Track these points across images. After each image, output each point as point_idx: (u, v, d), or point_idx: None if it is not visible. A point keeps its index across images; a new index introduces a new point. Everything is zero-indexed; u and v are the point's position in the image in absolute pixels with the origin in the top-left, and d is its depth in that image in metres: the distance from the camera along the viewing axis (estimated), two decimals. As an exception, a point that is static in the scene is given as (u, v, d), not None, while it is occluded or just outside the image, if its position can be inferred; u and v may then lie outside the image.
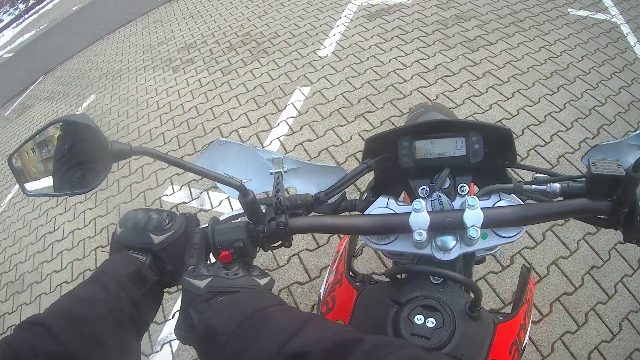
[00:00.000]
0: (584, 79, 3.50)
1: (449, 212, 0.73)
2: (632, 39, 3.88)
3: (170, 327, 2.47)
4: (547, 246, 2.46)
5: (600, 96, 3.29)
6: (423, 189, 0.81)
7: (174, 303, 2.56)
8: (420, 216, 0.70)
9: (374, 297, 0.82)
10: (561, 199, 0.72)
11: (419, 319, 0.69)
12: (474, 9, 4.43)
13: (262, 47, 4.61)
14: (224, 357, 0.55)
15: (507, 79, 3.51)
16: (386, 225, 0.73)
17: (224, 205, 3.03)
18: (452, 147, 0.81)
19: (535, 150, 2.90)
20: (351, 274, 0.97)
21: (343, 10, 4.57)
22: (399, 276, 0.85)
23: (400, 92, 3.51)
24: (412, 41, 4.02)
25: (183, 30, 5.95)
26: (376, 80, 3.67)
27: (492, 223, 0.71)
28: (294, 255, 2.60)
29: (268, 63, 4.31)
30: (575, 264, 2.40)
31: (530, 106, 3.26)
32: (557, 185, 0.72)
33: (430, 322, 0.69)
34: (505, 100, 3.32)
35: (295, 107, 3.68)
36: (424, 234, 0.70)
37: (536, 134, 3.02)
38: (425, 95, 3.44)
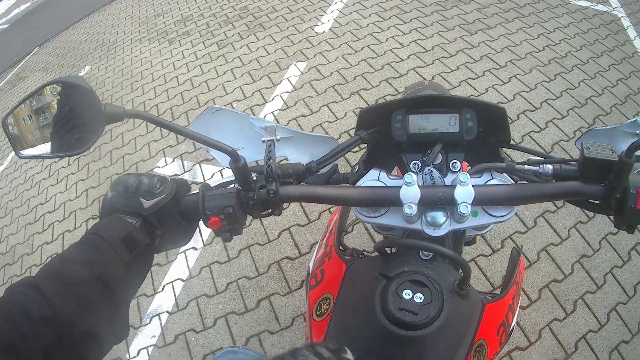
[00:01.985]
0: (582, 69, 3.43)
1: (440, 188, 0.73)
2: (632, 33, 3.80)
3: (159, 300, 2.41)
4: (538, 232, 2.43)
5: (597, 86, 3.23)
6: (415, 163, 0.81)
7: (163, 276, 2.50)
8: (411, 190, 0.69)
9: (362, 270, 0.80)
10: (553, 181, 0.72)
11: (407, 294, 0.68)
12: (474, -8, 4.31)
13: (259, 22, 4.46)
14: None
15: (505, 63, 3.43)
16: (376, 198, 0.73)
17: (216, 177, 2.92)
18: (445, 123, 0.80)
19: (529, 136, 2.85)
20: (341, 248, 0.95)
21: (342, -13, 4.45)
22: (388, 251, 0.83)
23: (397, 71, 3.41)
24: (410, 21, 3.90)
25: (180, 3, 5.76)
26: (373, 58, 3.56)
27: (483, 201, 0.70)
28: (285, 230, 2.55)
29: (264, 37, 4.17)
30: (565, 251, 2.36)
31: (527, 92, 3.20)
32: (550, 167, 0.71)
33: (419, 298, 0.67)
34: (501, 85, 3.25)
35: (290, 82, 3.56)
36: (414, 207, 0.69)
37: (531, 120, 2.96)
38: (421, 75, 3.34)
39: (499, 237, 2.41)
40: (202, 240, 2.60)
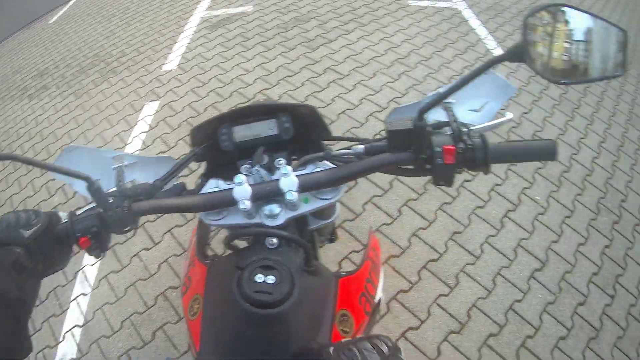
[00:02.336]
0: (426, 64, 3.65)
1: (267, 182, 0.80)
2: (474, 22, 4.09)
3: (63, 349, 2.32)
4: (405, 220, 2.53)
5: (443, 77, 3.45)
6: (245, 167, 0.88)
7: (61, 325, 2.40)
8: (242, 188, 0.76)
9: (220, 268, 0.86)
10: (366, 158, 0.80)
11: (259, 278, 0.72)
12: (314, 10, 4.46)
13: (110, 67, 4.35)
14: None
15: (348, 72, 3.57)
16: (214, 201, 0.79)
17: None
18: (265, 128, 0.92)
19: (380, 135, 2.95)
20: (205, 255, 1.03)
21: (186, 24, 4.43)
22: (241, 247, 0.89)
23: (244, 97, 3.44)
24: (254, 47, 3.97)
25: (36, 57, 5.50)
26: (221, 87, 3.57)
27: (308, 186, 0.78)
28: (163, 262, 2.52)
29: (117, 82, 4.07)
30: (435, 232, 2.47)
31: (372, 95, 3.35)
32: (362, 147, 0.82)
33: (270, 279, 0.72)
34: (347, 92, 3.38)
35: (146, 122, 3.49)
36: (247, 203, 0.75)
37: (380, 120, 3.11)
38: (268, 97, 3.40)
39: (366, 231, 2.48)
40: (90, 285, 2.50)
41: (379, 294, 1.11)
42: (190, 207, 0.81)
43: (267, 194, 0.78)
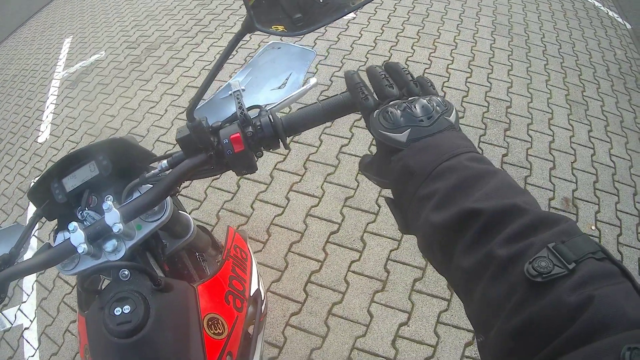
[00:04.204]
0: None
1: (96, 222, 0.79)
2: None
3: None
4: (295, 205, 2.58)
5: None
6: (80, 212, 0.89)
7: None
8: (76, 234, 0.76)
9: (93, 314, 0.84)
10: (169, 171, 0.81)
11: (117, 311, 0.74)
12: (161, 34, 4.39)
13: (-11, 156, 4.26)
14: (415, 198, 0.56)
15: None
16: (59, 253, 0.78)
17: None
18: (88, 172, 0.90)
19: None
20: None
21: (48, 90, 4.31)
22: (101, 287, 0.92)
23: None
24: (114, 90, 3.88)
25: None
26: (93, 141, 3.48)
27: (131, 214, 0.78)
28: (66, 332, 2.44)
29: (2, 169, 3.99)
30: (328, 205, 2.52)
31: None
32: (165, 162, 0.81)
33: (126, 309, 0.74)
34: (208, 104, 3.37)
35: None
36: (84, 246, 0.75)
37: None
38: (137, 135, 3.39)
39: (263, 228, 2.48)
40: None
41: (254, 286, 1.15)
42: (41, 266, 0.80)
43: (99, 233, 0.78)
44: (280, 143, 0.78)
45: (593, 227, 2.44)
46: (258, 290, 1.18)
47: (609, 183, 2.69)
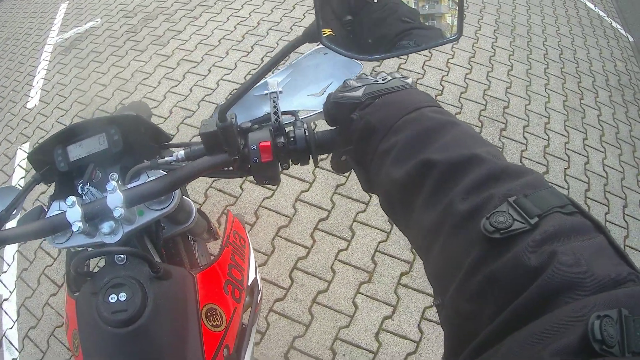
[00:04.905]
0: (276, 29, 3.54)
1: (97, 201, 0.75)
2: None
3: None
4: (285, 189, 2.50)
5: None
6: (81, 185, 0.83)
7: None
8: (73, 210, 0.72)
9: (85, 297, 0.80)
10: (185, 163, 0.76)
11: (112, 298, 0.70)
12: (159, 5, 4.26)
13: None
14: (375, 154, 0.54)
15: (201, 58, 3.43)
16: (51, 226, 0.74)
17: None
18: (96, 144, 0.85)
19: None
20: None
21: (41, 55, 4.17)
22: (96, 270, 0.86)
23: (106, 112, 3.25)
24: (107, 59, 3.76)
25: None
26: (82, 110, 3.35)
27: (135, 200, 0.73)
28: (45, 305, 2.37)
29: (-13, 136, 3.89)
30: (319, 191, 2.47)
31: (229, 74, 3.23)
32: (182, 152, 0.75)
33: (122, 296, 0.70)
34: (203, 79, 3.26)
35: (22, 167, 3.31)
36: (79, 224, 0.71)
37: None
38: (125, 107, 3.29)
39: (251, 211, 2.42)
40: (16, 349, 2.32)
41: (252, 275, 1.10)
42: (31, 235, 0.76)
43: (98, 213, 0.74)
44: (311, 160, 0.72)
45: (581, 235, 2.41)
46: (255, 280, 1.13)
47: (600, 193, 2.67)
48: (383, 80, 0.61)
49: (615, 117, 3.24)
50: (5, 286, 2.55)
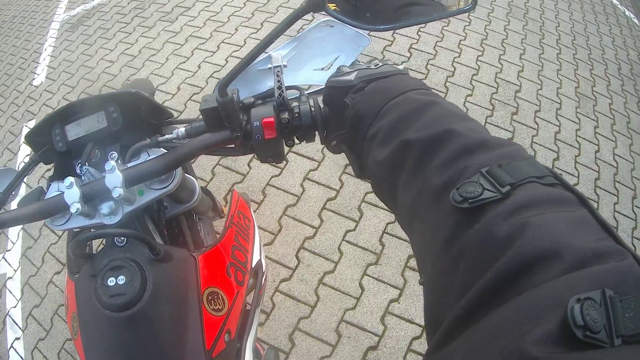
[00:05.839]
0: (286, 6, 3.47)
1: (96, 181, 0.72)
2: None
3: None
4: (293, 167, 2.46)
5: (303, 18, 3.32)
6: (79, 165, 0.81)
7: None
8: (71, 191, 0.70)
9: (84, 280, 0.78)
10: (187, 140, 0.72)
11: (111, 281, 0.68)
12: (168, -19, 4.18)
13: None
14: (364, 140, 0.55)
15: (210, 34, 3.37)
16: (49, 207, 0.72)
17: None
18: (95, 122, 0.82)
19: None
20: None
21: (47, 33, 4.10)
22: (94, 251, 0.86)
23: (113, 89, 3.21)
24: (115, 36, 3.69)
25: None
26: (89, 87, 3.30)
27: (134, 179, 0.70)
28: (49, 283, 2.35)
29: (-7, 112, 3.84)
30: (327, 170, 2.42)
31: (237, 51, 3.17)
32: (182, 129, 0.73)
33: (121, 280, 0.68)
34: (212, 55, 3.19)
35: (27, 144, 3.31)
36: (78, 205, 0.68)
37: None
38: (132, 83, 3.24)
39: (258, 189, 2.38)
40: (20, 327, 2.33)
41: (257, 256, 1.06)
42: (29, 217, 0.74)
43: (97, 194, 0.71)
44: (317, 137, 0.69)
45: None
46: (259, 262, 1.09)
47: (609, 182, 2.61)
48: (375, 66, 0.62)
49: (626, 106, 3.16)
50: (9, 264, 2.52)
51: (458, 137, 0.44)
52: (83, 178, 0.77)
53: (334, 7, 0.56)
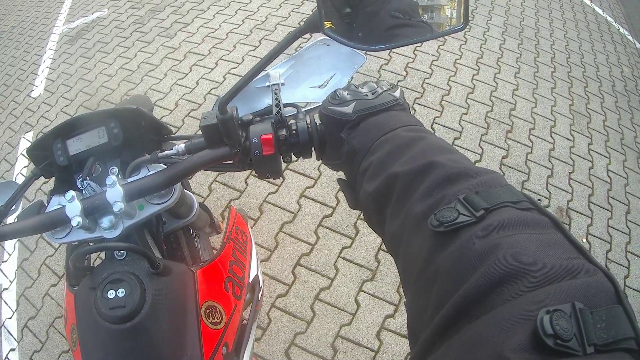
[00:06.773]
0: (284, 24, 3.52)
1: (97, 195, 0.74)
2: None
3: None
4: (290, 184, 2.47)
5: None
6: (80, 180, 0.81)
7: None
8: (72, 205, 0.70)
9: (83, 292, 0.79)
10: (186, 156, 0.74)
11: (111, 294, 0.69)
12: (167, -3, 4.24)
13: (-20, 109, 4.10)
14: (357, 174, 0.57)
15: (208, 51, 3.40)
16: (50, 221, 0.73)
17: None
18: (96, 137, 0.84)
19: None
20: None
21: (46, 45, 4.13)
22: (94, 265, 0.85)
23: (111, 103, 3.24)
24: (113, 50, 3.73)
25: None
26: (87, 100, 3.33)
27: (137, 193, 0.72)
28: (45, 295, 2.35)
29: (-10, 125, 3.85)
30: (323, 188, 2.44)
31: (236, 68, 3.20)
32: (182, 145, 0.74)
33: (121, 293, 0.69)
34: (210, 72, 3.23)
35: (24, 156, 3.27)
36: (79, 219, 0.69)
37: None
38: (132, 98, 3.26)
39: (255, 206, 2.40)
40: (15, 339, 2.32)
41: (253, 272, 1.08)
42: (30, 230, 0.75)
43: (97, 207, 0.72)
44: (314, 153, 0.71)
45: (584, 240, 2.40)
46: (256, 277, 1.11)
47: (603, 198, 2.65)
48: (373, 94, 0.62)
49: (620, 123, 3.22)
50: (5, 275, 2.53)
51: (440, 168, 0.47)
52: (84, 192, 0.79)
53: (329, 25, 0.59)
